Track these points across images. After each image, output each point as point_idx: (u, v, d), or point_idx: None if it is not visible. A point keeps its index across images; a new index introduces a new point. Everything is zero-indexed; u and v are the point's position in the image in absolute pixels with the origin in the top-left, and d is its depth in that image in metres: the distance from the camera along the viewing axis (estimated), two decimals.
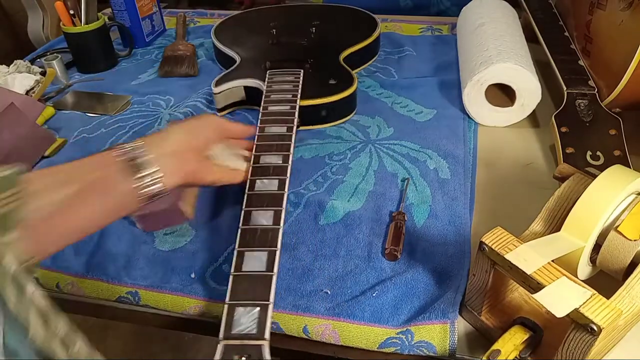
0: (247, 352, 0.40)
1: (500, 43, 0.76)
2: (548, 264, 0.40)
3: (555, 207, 0.48)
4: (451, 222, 0.59)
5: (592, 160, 0.60)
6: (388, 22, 1.09)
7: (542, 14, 0.91)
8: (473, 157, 0.69)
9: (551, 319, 0.44)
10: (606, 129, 0.64)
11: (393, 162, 0.69)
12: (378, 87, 0.86)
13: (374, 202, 0.62)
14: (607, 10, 0.72)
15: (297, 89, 0.74)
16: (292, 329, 0.50)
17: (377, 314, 0.49)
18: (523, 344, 0.42)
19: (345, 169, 0.68)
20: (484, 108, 0.74)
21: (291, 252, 0.57)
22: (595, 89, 0.70)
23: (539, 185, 0.63)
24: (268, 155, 0.60)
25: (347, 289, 0.52)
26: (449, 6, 1.20)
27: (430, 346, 0.47)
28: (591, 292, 0.38)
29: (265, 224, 0.51)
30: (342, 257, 0.56)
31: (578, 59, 0.77)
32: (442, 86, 0.85)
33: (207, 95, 0.86)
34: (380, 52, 0.97)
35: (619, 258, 0.43)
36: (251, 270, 0.46)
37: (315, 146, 0.73)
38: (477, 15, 0.87)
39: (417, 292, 0.51)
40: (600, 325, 0.35)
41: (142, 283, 0.55)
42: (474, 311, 0.48)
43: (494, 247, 0.42)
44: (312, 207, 0.62)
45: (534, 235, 0.48)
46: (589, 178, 0.47)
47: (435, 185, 0.64)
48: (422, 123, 0.77)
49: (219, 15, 1.19)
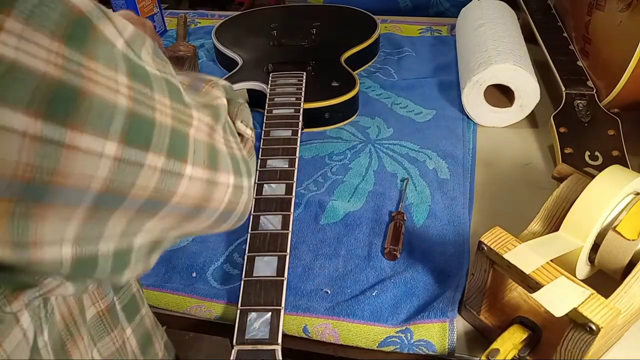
0: (260, 356, 0.41)
1: (499, 44, 0.76)
2: (547, 263, 0.40)
3: (553, 207, 0.48)
4: (450, 221, 0.59)
5: (590, 161, 0.60)
6: (387, 23, 1.09)
7: (541, 14, 0.91)
8: (472, 157, 0.70)
9: (550, 318, 0.44)
10: (605, 130, 0.64)
11: (393, 162, 0.69)
12: (378, 88, 0.86)
13: (374, 202, 0.63)
14: (606, 11, 0.72)
15: (300, 92, 0.74)
16: (292, 329, 0.50)
17: (376, 313, 0.50)
18: (522, 343, 0.42)
19: (345, 169, 0.68)
20: (483, 108, 0.75)
21: (292, 251, 0.57)
22: (593, 89, 0.70)
23: (538, 185, 0.64)
24: (274, 159, 0.60)
25: (347, 289, 0.53)
26: (448, 7, 1.21)
27: (429, 345, 0.47)
28: (590, 292, 0.38)
29: (273, 228, 0.52)
30: (342, 257, 0.56)
31: (577, 59, 0.77)
32: (442, 87, 0.85)
33: None
34: (379, 53, 0.97)
35: (618, 258, 0.43)
36: (262, 275, 0.47)
37: (315, 146, 0.73)
38: (476, 16, 0.88)
39: (417, 292, 0.52)
40: (599, 325, 0.36)
41: (144, 282, 0.55)
42: (473, 310, 0.48)
43: (492, 246, 0.42)
44: (312, 207, 0.62)
45: (533, 235, 0.48)
46: (587, 178, 0.48)
47: (435, 185, 0.65)
48: (422, 123, 0.77)
49: (219, 16, 1.19)
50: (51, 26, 0.21)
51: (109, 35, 0.24)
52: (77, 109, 0.21)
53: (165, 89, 0.27)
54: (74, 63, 0.21)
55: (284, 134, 0.65)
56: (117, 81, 0.23)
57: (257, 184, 0.57)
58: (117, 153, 0.23)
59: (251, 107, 0.81)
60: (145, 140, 0.25)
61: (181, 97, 0.29)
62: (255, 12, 1.07)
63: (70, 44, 0.21)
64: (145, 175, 0.25)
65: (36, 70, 0.20)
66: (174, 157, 0.27)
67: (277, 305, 0.45)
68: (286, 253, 0.49)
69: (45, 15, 0.21)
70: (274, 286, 0.46)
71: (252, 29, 0.98)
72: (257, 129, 0.77)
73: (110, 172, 0.23)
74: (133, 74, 0.24)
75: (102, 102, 0.22)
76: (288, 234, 0.51)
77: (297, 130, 0.66)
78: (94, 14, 0.23)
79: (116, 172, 0.24)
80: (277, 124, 0.67)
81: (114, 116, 0.23)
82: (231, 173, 0.33)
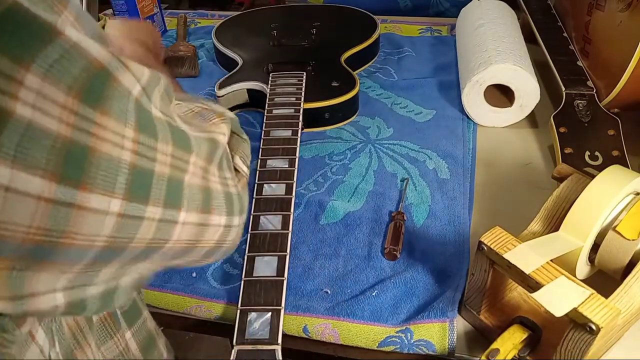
0: (260, 356, 0.41)
1: (499, 44, 0.76)
2: (547, 263, 0.40)
3: (553, 207, 0.48)
4: (450, 221, 0.59)
5: (590, 161, 0.60)
6: (387, 22, 1.09)
7: (541, 14, 0.91)
8: (472, 157, 0.70)
9: (550, 318, 0.44)
10: (605, 130, 0.64)
11: (393, 162, 0.69)
12: (378, 88, 0.86)
13: (374, 202, 0.63)
14: (606, 11, 0.72)
15: (300, 92, 0.74)
16: (292, 329, 0.50)
17: (376, 313, 0.50)
18: (522, 343, 0.42)
19: (345, 169, 0.68)
20: (483, 108, 0.75)
21: (292, 251, 0.57)
22: (593, 89, 0.70)
23: (538, 185, 0.64)
24: (274, 159, 0.60)
25: (347, 289, 0.53)
26: (448, 7, 1.21)
27: (429, 345, 0.47)
28: (590, 292, 0.38)
29: (273, 228, 0.52)
30: (342, 257, 0.56)
31: (577, 59, 0.77)
32: (442, 87, 0.85)
33: (209, 96, 0.86)
34: (379, 53, 0.97)
35: (618, 258, 0.43)
36: (262, 275, 0.47)
37: (315, 146, 0.73)
38: (476, 17, 0.88)
39: (417, 291, 0.52)
40: (599, 325, 0.36)
41: None
42: (473, 310, 0.48)
43: (492, 246, 0.42)
44: (312, 207, 0.62)
45: (533, 235, 0.48)
46: (587, 178, 0.48)
47: (435, 185, 0.65)
48: (422, 123, 0.77)
49: (219, 16, 1.19)
50: (69, 81, 0.21)
51: (127, 83, 0.24)
52: (86, 169, 0.21)
53: (168, 134, 0.27)
54: (86, 120, 0.21)
55: (284, 134, 0.66)
56: (123, 136, 0.23)
57: (257, 184, 0.57)
58: (121, 209, 0.23)
59: (251, 107, 0.82)
60: (145, 194, 0.25)
61: (182, 140, 0.29)
62: (255, 12, 1.07)
63: (86, 99, 0.21)
64: (145, 227, 0.26)
65: (50, 130, 0.20)
66: (170, 206, 0.27)
67: (277, 305, 0.45)
68: (286, 253, 0.49)
69: (65, 70, 0.21)
70: (274, 286, 0.46)
71: (252, 29, 0.98)
72: (257, 129, 0.77)
73: (114, 229, 0.23)
74: (141, 125, 0.24)
75: (108, 159, 0.22)
76: (288, 234, 0.51)
77: (297, 130, 0.66)
78: (113, 64, 0.23)
79: (118, 228, 0.24)
80: (277, 124, 0.68)
81: (118, 172, 0.23)
82: (223, 214, 0.33)
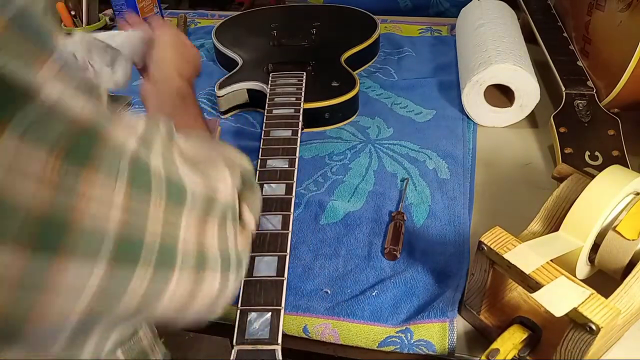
0: (260, 356, 0.41)
1: (499, 44, 0.76)
2: (547, 263, 0.40)
3: (553, 207, 0.48)
4: (450, 221, 0.59)
5: (590, 161, 0.60)
6: (387, 23, 1.09)
7: (541, 14, 0.91)
8: (472, 157, 0.70)
9: (550, 318, 0.44)
10: (605, 130, 0.64)
11: (393, 162, 0.69)
12: (378, 88, 0.86)
13: (374, 202, 0.63)
14: (606, 11, 0.72)
15: (300, 92, 0.74)
16: (292, 329, 0.50)
17: (376, 313, 0.50)
18: (522, 343, 0.42)
19: (345, 169, 0.68)
20: (483, 108, 0.75)
21: (292, 251, 0.57)
22: (593, 89, 0.70)
23: (538, 185, 0.64)
24: (274, 159, 0.60)
25: (347, 289, 0.53)
26: (448, 7, 1.21)
27: (429, 345, 0.47)
28: (590, 292, 0.38)
29: (273, 228, 0.52)
30: (342, 257, 0.56)
31: (577, 59, 0.77)
32: (442, 87, 0.85)
33: (209, 96, 0.86)
34: (379, 53, 0.97)
35: (618, 258, 0.43)
36: (262, 275, 0.47)
37: (315, 146, 0.73)
38: (476, 17, 0.88)
39: (417, 291, 0.52)
40: (599, 325, 0.36)
41: None
42: (473, 310, 0.48)
43: (492, 246, 0.42)
44: (312, 207, 0.62)
45: (533, 235, 0.48)
46: (587, 178, 0.48)
47: (435, 185, 0.65)
48: (422, 123, 0.77)
49: (219, 16, 1.19)
50: (50, 142, 0.20)
51: (119, 139, 0.23)
52: (65, 240, 0.20)
53: (163, 189, 0.26)
54: (69, 181, 0.20)
55: (284, 134, 0.65)
56: (112, 201, 0.22)
57: (257, 184, 0.57)
58: (104, 276, 0.22)
59: (251, 107, 0.82)
60: (134, 258, 0.24)
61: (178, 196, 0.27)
62: (255, 12, 1.07)
63: (69, 161, 0.20)
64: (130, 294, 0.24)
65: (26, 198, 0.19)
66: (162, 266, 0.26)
67: (277, 305, 0.45)
68: (286, 253, 0.49)
69: (44, 132, 0.20)
70: (274, 286, 0.46)
71: (252, 29, 0.98)
72: (257, 129, 0.77)
73: (94, 298, 0.22)
74: (134, 181, 0.23)
75: (91, 229, 0.21)
76: (288, 234, 0.51)
77: (297, 130, 0.66)
78: (102, 121, 0.22)
79: (99, 297, 0.22)
80: (277, 124, 0.67)
81: (103, 242, 0.22)
82: (218, 272, 0.31)
